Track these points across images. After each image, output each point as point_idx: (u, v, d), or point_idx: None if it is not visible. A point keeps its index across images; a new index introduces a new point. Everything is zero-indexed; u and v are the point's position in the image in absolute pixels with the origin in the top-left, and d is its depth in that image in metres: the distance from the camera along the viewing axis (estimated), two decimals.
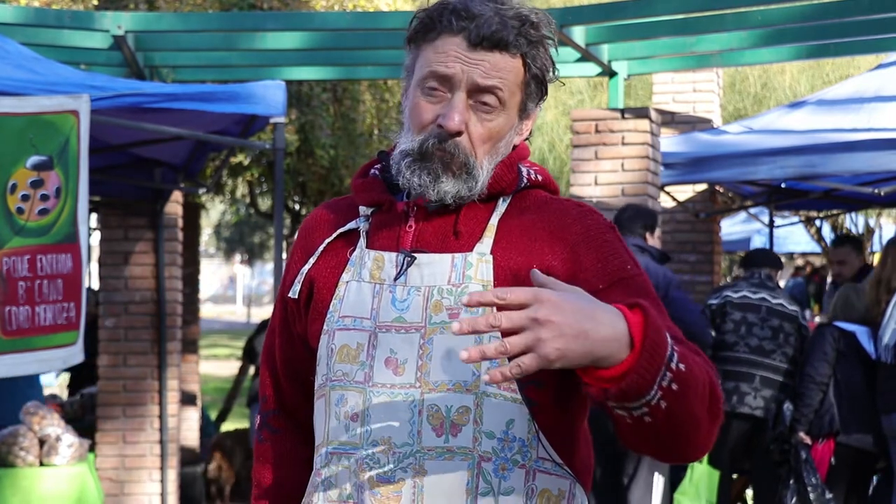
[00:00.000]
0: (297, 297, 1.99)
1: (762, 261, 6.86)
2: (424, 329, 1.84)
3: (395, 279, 1.88)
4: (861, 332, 6.31)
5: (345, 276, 1.94)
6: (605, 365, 1.58)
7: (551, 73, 1.94)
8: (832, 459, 6.27)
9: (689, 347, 1.71)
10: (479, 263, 1.86)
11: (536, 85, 1.91)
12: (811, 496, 6.11)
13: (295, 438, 2.10)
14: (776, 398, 6.45)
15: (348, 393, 1.88)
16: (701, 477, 6.51)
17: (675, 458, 1.77)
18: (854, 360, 6.28)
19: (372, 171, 2.00)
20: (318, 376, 1.95)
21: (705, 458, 6.35)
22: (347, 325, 1.90)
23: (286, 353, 2.06)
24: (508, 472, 1.83)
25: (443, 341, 1.83)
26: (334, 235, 1.98)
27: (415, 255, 1.88)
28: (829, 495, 6.14)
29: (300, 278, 1.98)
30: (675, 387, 1.61)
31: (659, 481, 5.76)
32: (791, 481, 6.24)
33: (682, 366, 1.62)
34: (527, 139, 2.01)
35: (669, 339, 1.63)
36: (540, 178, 1.97)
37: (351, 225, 1.97)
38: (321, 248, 1.98)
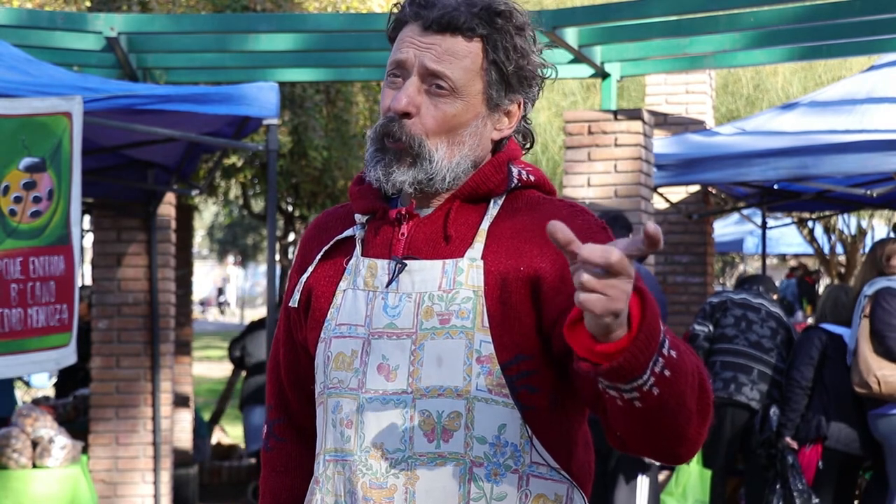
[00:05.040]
0: (296, 305, 2.00)
1: (760, 280, 7.02)
2: (416, 335, 1.84)
3: (387, 286, 1.88)
4: (848, 334, 6.34)
5: (342, 285, 1.94)
6: (605, 338, 1.54)
7: (518, 65, 1.87)
8: (819, 463, 6.28)
9: (678, 338, 1.70)
10: (469, 269, 1.85)
11: (498, 73, 1.87)
12: (797, 501, 6.13)
13: (299, 447, 2.10)
14: (770, 394, 6.49)
15: (343, 400, 1.89)
16: (688, 477, 6.50)
17: (663, 454, 1.74)
18: (841, 363, 6.31)
19: (367, 178, 2.01)
20: (317, 384, 1.96)
21: (694, 457, 6.35)
22: (343, 332, 1.91)
23: (290, 361, 2.07)
24: (501, 478, 1.82)
25: (434, 347, 1.83)
26: (330, 244, 1.98)
27: (406, 261, 1.88)
28: (815, 500, 6.16)
29: (299, 287, 1.99)
30: (667, 373, 1.59)
31: (643, 482, 5.76)
32: (777, 486, 6.27)
33: (673, 353, 1.60)
34: (525, 147, 1.99)
35: (662, 326, 1.60)
36: (533, 178, 1.94)
37: (347, 233, 1.98)
38: (318, 257, 1.99)
